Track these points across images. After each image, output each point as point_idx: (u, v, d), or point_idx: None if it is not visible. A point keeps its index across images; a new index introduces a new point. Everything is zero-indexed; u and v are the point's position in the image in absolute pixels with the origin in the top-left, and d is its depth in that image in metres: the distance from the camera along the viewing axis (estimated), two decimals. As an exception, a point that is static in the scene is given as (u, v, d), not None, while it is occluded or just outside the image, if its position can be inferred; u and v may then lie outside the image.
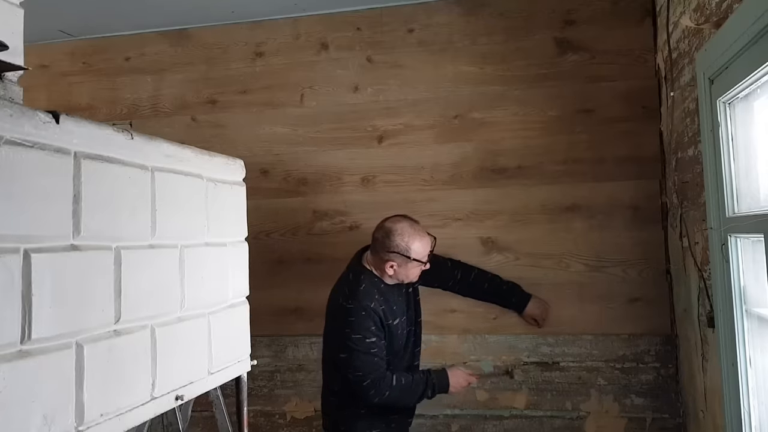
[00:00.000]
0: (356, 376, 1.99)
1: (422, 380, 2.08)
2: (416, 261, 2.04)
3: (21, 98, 1.04)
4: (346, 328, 2.00)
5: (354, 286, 2.05)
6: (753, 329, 1.43)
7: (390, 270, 2.05)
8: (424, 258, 2.06)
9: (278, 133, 2.73)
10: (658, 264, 2.36)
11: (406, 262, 2.03)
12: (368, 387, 1.98)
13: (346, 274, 2.14)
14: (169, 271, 1.27)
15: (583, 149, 2.45)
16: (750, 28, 1.19)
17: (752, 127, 1.41)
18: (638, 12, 2.42)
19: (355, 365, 1.99)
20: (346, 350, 1.99)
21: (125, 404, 1.10)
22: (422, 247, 2.05)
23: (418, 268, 2.07)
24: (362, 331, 1.99)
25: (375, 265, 2.09)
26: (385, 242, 2.03)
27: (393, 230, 2.04)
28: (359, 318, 2.00)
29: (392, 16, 2.65)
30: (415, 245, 2.02)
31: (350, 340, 1.98)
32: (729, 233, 1.46)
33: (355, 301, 2.01)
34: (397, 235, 2.02)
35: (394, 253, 2.02)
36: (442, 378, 2.10)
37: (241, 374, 1.58)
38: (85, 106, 2.90)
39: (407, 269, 2.05)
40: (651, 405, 2.35)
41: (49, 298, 0.94)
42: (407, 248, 2.02)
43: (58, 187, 0.98)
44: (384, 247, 2.04)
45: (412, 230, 2.05)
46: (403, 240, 2.02)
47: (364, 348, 1.99)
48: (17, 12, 1.04)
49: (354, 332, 1.99)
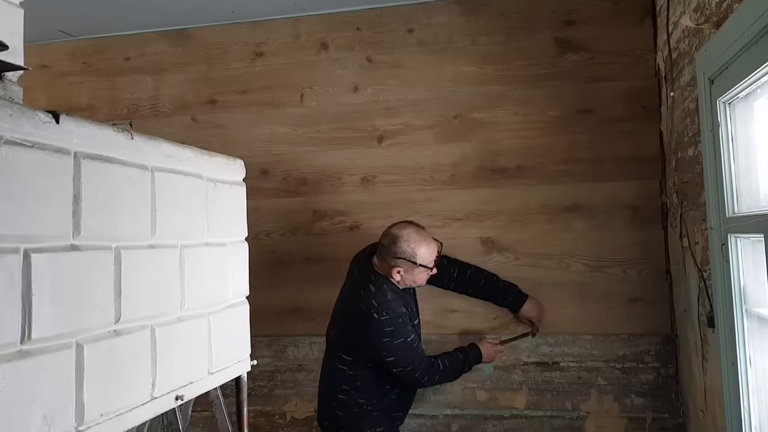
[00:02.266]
0: (407, 371, 2.10)
1: (460, 358, 2.22)
2: (422, 266, 2.08)
3: (21, 98, 1.04)
4: (386, 337, 2.05)
5: (381, 297, 2.08)
6: (753, 329, 1.43)
7: (397, 276, 2.10)
8: (431, 263, 2.10)
9: (278, 133, 2.73)
10: (658, 264, 2.36)
11: (413, 268, 2.08)
12: (420, 377, 2.12)
13: (365, 283, 2.13)
14: (169, 271, 1.27)
15: (583, 149, 2.45)
16: (750, 28, 1.19)
17: (752, 127, 1.41)
18: (638, 12, 2.42)
19: (405, 363, 2.09)
20: (392, 354, 2.07)
21: (125, 404, 1.10)
22: (428, 253, 2.09)
23: (425, 274, 2.12)
24: (403, 335, 2.07)
25: (383, 270, 2.13)
26: (392, 248, 2.07)
27: (399, 236, 2.07)
28: (397, 325, 2.06)
29: (392, 16, 2.65)
30: (421, 251, 2.07)
31: (395, 346, 2.06)
32: (729, 233, 1.46)
33: (389, 311, 2.06)
34: (404, 241, 2.06)
35: (400, 259, 2.07)
36: (475, 352, 2.26)
37: (241, 374, 1.58)
38: (85, 106, 2.90)
39: (414, 275, 2.10)
40: (651, 405, 2.35)
41: (49, 298, 0.94)
42: (413, 254, 2.06)
43: (58, 187, 0.98)
44: (391, 254, 2.08)
45: (418, 236, 2.09)
46: (409, 246, 2.06)
47: (407, 347, 2.08)
48: (17, 12, 1.04)
49: (396, 338, 2.05)
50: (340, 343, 2.19)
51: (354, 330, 2.11)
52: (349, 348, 2.14)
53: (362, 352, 2.11)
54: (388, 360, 2.08)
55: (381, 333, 2.05)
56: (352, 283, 2.22)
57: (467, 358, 2.23)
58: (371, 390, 2.16)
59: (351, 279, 2.25)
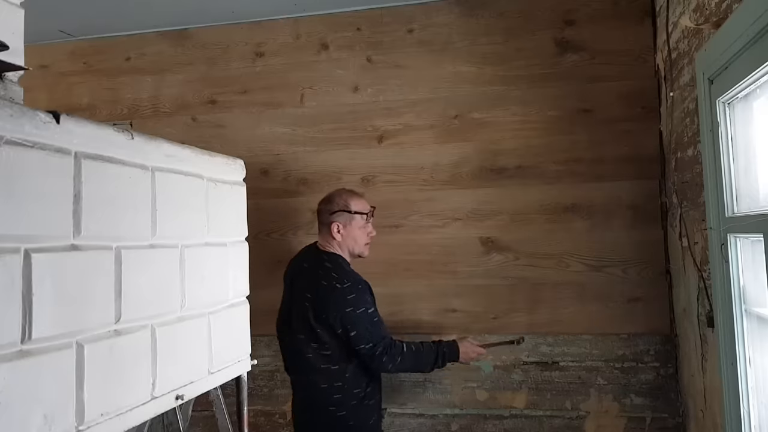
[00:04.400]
0: (368, 348, 2.06)
1: (432, 349, 2.16)
2: (358, 214, 2.17)
3: (21, 98, 1.04)
4: (348, 306, 2.06)
5: (339, 269, 2.13)
6: (752, 329, 1.43)
7: (337, 235, 2.16)
8: (366, 210, 2.20)
9: (278, 133, 2.73)
10: (658, 264, 2.36)
11: (350, 219, 2.17)
12: (381, 355, 2.07)
13: (319, 263, 2.16)
14: (169, 271, 1.27)
15: (582, 149, 2.45)
16: (749, 29, 1.19)
17: (752, 127, 1.41)
18: (638, 12, 2.43)
19: (366, 337, 2.06)
20: (355, 326, 2.05)
21: (125, 404, 1.10)
22: (361, 202, 2.21)
23: (363, 231, 2.19)
24: (364, 304, 2.08)
25: (325, 241, 2.21)
26: (327, 207, 2.20)
27: (332, 194, 2.24)
28: (358, 293, 2.08)
29: (392, 16, 2.65)
30: (353, 200, 2.20)
31: (356, 316, 2.06)
32: (728, 233, 1.46)
33: (348, 278, 2.10)
34: (336, 196, 2.21)
35: (336, 213, 2.17)
36: (452, 347, 2.18)
37: (242, 374, 1.58)
38: (85, 106, 2.90)
39: (353, 229, 2.18)
40: (650, 405, 2.35)
41: (49, 298, 0.94)
42: (347, 203, 2.18)
43: (58, 187, 0.98)
44: (327, 212, 2.19)
45: (350, 192, 2.24)
46: (341, 198, 2.20)
47: (369, 320, 2.08)
48: (17, 12, 1.04)
49: (357, 307, 2.06)
50: (313, 340, 2.10)
51: (321, 311, 2.07)
52: (323, 339, 2.08)
53: (334, 334, 2.07)
54: (352, 335, 2.05)
55: (345, 302, 2.05)
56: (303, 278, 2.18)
57: (441, 350, 2.15)
58: (361, 378, 2.11)
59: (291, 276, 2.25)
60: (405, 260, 2.56)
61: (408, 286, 2.55)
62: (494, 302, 2.50)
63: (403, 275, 2.56)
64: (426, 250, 2.57)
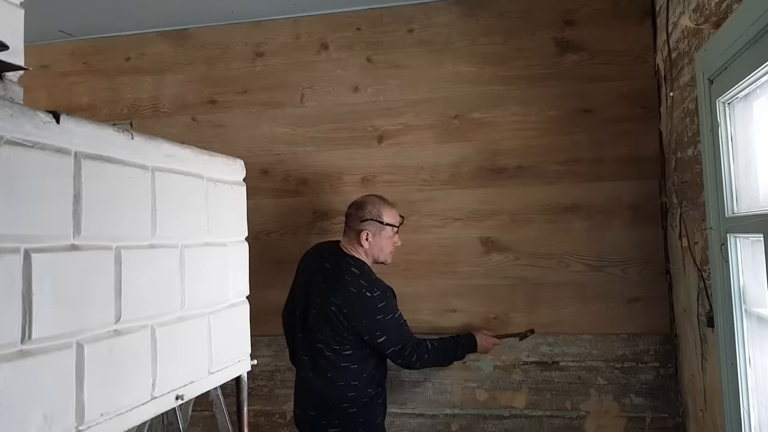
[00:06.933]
0: (398, 350, 2.13)
1: (452, 342, 2.28)
2: (389, 225, 2.20)
3: (21, 98, 1.04)
4: (379, 314, 2.09)
5: (367, 276, 2.16)
6: (752, 329, 1.43)
7: (365, 243, 2.19)
8: (396, 222, 2.23)
9: (278, 133, 2.74)
10: (658, 264, 2.36)
11: (380, 229, 2.19)
12: (410, 355, 2.14)
13: (345, 269, 2.15)
14: (169, 271, 1.27)
15: (582, 149, 2.45)
16: (749, 29, 1.19)
17: (751, 127, 1.41)
18: (638, 12, 2.43)
19: (395, 340, 2.12)
20: (384, 332, 2.10)
21: (125, 404, 1.10)
22: (393, 213, 2.24)
23: (390, 241, 2.21)
24: (393, 310, 2.14)
25: (351, 245, 2.22)
26: (359, 213, 2.21)
27: (365, 201, 2.24)
28: (388, 300, 2.13)
29: (392, 16, 2.65)
30: (386, 211, 2.21)
31: (387, 323, 2.10)
32: (728, 233, 1.46)
33: (378, 287, 2.13)
34: (369, 204, 2.22)
35: (367, 221, 2.18)
36: (470, 339, 2.30)
37: (242, 374, 1.58)
38: (85, 106, 2.90)
39: (381, 238, 2.20)
40: (650, 404, 2.35)
41: (49, 298, 0.94)
42: (379, 214, 2.20)
43: (58, 187, 0.98)
44: (357, 218, 2.20)
45: (382, 200, 2.25)
46: (374, 207, 2.21)
47: (397, 324, 2.14)
48: (17, 12, 1.04)
49: (387, 314, 2.11)
50: (336, 342, 2.11)
51: (352, 317, 2.08)
52: (347, 342, 2.10)
53: (359, 338, 2.10)
54: (380, 341, 2.10)
55: (375, 311, 2.09)
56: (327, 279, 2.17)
57: (459, 343, 2.28)
58: (375, 378, 2.18)
59: (310, 273, 2.24)
60: (405, 260, 2.56)
61: (408, 286, 2.55)
62: (494, 302, 2.50)
63: (403, 275, 2.56)
64: (426, 250, 2.57)
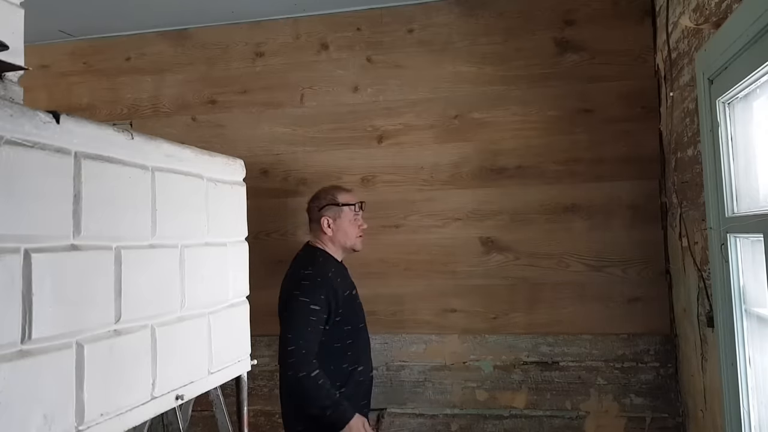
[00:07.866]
0: (286, 339, 1.99)
1: (334, 396, 1.98)
2: (346, 206, 2.19)
3: (21, 98, 1.04)
4: (297, 290, 2.04)
5: (311, 258, 2.15)
6: (752, 329, 1.43)
7: (328, 230, 2.17)
8: (353, 201, 2.21)
9: (278, 133, 2.73)
10: (658, 264, 2.36)
11: (339, 211, 2.18)
12: (291, 353, 1.95)
13: (299, 255, 2.21)
14: (169, 271, 1.27)
15: (582, 149, 2.45)
16: (749, 28, 1.19)
17: (751, 127, 1.41)
18: (638, 12, 2.43)
19: (288, 327, 2.00)
20: (289, 311, 2.02)
21: (125, 404, 1.10)
22: (349, 195, 2.23)
23: (353, 224, 2.19)
24: (310, 296, 2.03)
25: (317, 239, 2.22)
26: (315, 203, 2.22)
27: (319, 191, 2.26)
28: (313, 283, 2.06)
29: (392, 16, 2.65)
30: (340, 193, 2.21)
31: (297, 304, 2.02)
32: (728, 233, 1.46)
33: (314, 268, 2.10)
34: (323, 192, 2.24)
35: (325, 207, 2.19)
36: (347, 412, 1.98)
37: (242, 374, 1.58)
38: (85, 106, 2.90)
39: (343, 221, 2.18)
40: (650, 404, 2.35)
41: (49, 297, 0.94)
42: (334, 197, 2.20)
43: (58, 187, 0.98)
44: (316, 208, 2.21)
45: (336, 186, 2.27)
46: (328, 193, 2.22)
47: (305, 314, 2.00)
48: (17, 12, 1.04)
49: (302, 294, 2.03)
50: None
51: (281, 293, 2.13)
52: None
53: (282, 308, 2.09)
54: (283, 316, 2.04)
55: (296, 284, 2.06)
56: None
57: (339, 406, 1.97)
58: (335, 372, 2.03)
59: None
60: (405, 260, 2.57)
61: (408, 286, 2.55)
62: (494, 302, 2.50)
63: (403, 275, 2.56)
64: (426, 250, 2.57)
